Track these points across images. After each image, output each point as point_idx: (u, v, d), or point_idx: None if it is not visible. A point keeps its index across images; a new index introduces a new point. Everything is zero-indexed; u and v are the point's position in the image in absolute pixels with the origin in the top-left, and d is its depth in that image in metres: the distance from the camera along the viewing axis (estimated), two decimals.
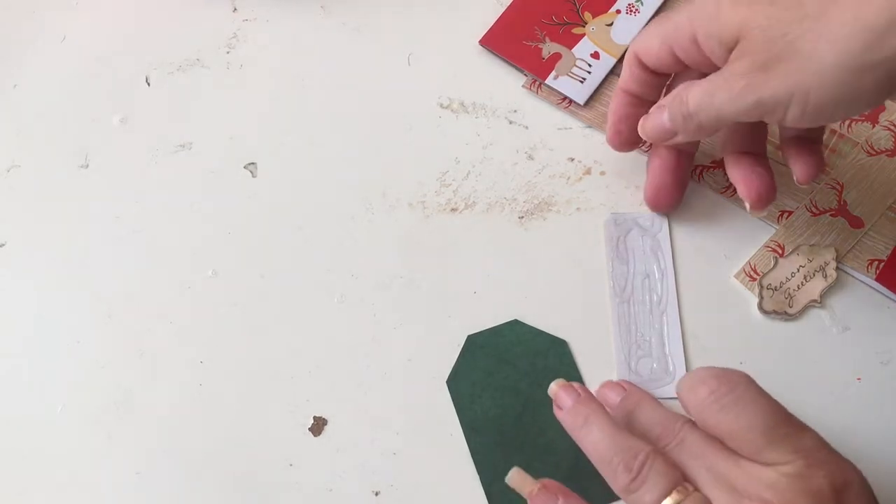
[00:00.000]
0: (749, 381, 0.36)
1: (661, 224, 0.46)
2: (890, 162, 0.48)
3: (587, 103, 0.50)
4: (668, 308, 0.45)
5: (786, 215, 0.47)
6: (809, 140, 0.42)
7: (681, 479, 0.34)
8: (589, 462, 0.37)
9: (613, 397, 0.40)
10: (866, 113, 0.49)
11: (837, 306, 0.46)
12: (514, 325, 0.45)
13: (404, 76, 0.52)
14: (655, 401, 0.39)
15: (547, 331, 0.45)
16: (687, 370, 0.44)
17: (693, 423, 0.36)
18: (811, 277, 0.46)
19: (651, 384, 0.44)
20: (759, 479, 0.33)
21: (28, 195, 0.50)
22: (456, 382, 0.45)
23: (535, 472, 0.42)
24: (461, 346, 0.45)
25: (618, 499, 0.41)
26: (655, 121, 0.41)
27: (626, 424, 0.38)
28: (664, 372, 0.44)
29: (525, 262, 0.47)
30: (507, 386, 0.44)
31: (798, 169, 0.42)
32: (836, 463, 0.33)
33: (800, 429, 0.34)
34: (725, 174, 0.48)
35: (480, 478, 0.43)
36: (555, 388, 0.40)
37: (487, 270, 0.47)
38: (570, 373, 0.44)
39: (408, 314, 0.46)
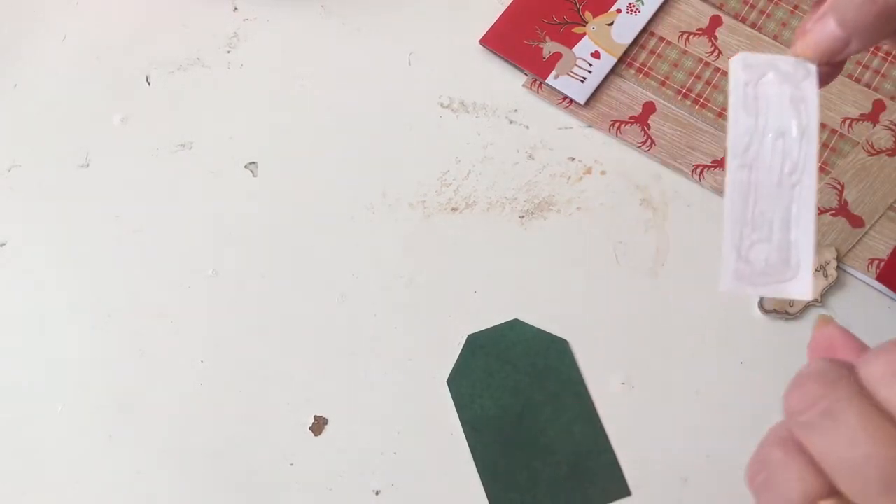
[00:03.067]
0: None
1: (807, 70, 0.34)
2: (890, 161, 0.48)
3: (588, 103, 0.50)
4: (803, 179, 0.34)
5: None
6: None
7: None
8: (589, 463, 0.37)
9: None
10: (867, 112, 0.49)
11: (837, 306, 0.46)
12: (515, 324, 0.45)
13: (404, 76, 0.52)
14: None
15: (547, 330, 0.45)
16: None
17: None
18: None
19: (762, 279, 0.34)
20: None
21: (28, 195, 0.50)
22: (456, 382, 0.45)
23: (535, 471, 0.42)
24: (461, 346, 0.45)
25: (618, 498, 0.42)
26: (821, 33, 0.32)
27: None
28: (784, 264, 0.34)
29: (525, 262, 0.47)
30: (507, 385, 0.44)
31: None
32: None
33: None
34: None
35: (481, 477, 0.43)
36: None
37: (487, 270, 0.47)
38: (571, 373, 0.44)
39: (408, 314, 0.46)
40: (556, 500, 0.42)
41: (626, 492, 0.42)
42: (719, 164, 0.48)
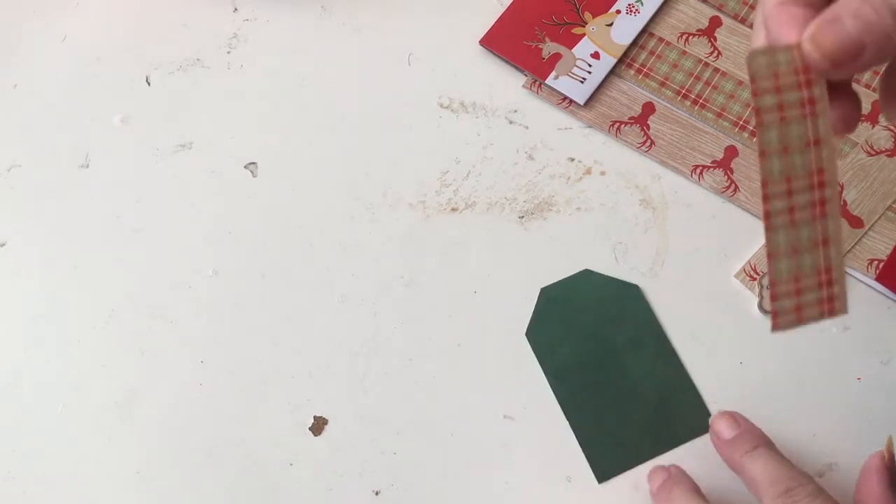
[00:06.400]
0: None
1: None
2: (890, 162, 0.48)
3: (587, 103, 0.50)
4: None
5: None
6: None
7: None
8: (674, 400, 0.43)
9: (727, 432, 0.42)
10: (866, 113, 0.49)
11: None
12: (585, 274, 0.46)
13: (404, 76, 0.52)
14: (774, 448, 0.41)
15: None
16: None
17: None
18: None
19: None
20: None
21: (28, 195, 0.50)
22: (535, 334, 0.45)
23: (622, 413, 0.44)
24: (460, 346, 0.46)
25: (698, 435, 0.44)
26: (832, 31, 0.28)
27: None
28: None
29: (525, 262, 0.47)
30: (585, 333, 0.45)
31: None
32: None
33: None
34: (726, 174, 0.48)
35: (570, 423, 0.44)
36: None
37: (487, 270, 0.47)
38: (647, 316, 0.45)
39: (408, 314, 0.46)
40: (645, 438, 0.43)
41: None
42: (718, 164, 0.49)
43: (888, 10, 0.27)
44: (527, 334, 0.45)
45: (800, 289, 0.29)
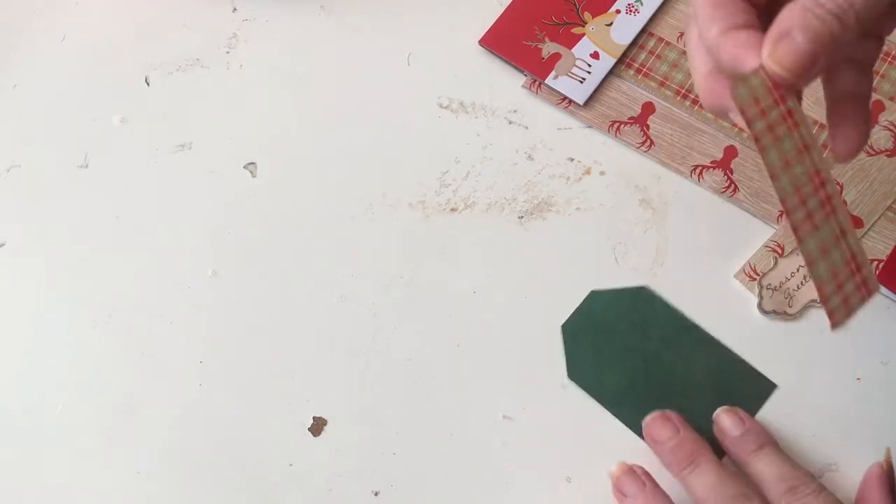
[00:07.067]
0: None
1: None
2: (889, 162, 0.48)
3: (587, 103, 0.50)
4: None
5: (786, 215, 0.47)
6: (859, 98, 0.34)
7: None
8: (727, 379, 0.43)
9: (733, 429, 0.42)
10: None
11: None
12: (593, 296, 0.46)
13: (404, 76, 0.52)
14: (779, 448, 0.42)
15: (546, 330, 0.45)
16: None
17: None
18: (811, 277, 0.46)
19: None
20: None
21: (28, 195, 0.50)
22: (576, 373, 0.45)
23: (688, 412, 0.43)
24: (459, 346, 0.46)
25: (764, 402, 0.44)
26: (787, 48, 0.29)
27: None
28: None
29: (525, 262, 0.47)
30: (620, 352, 0.45)
31: (842, 138, 0.33)
32: None
33: None
34: (725, 174, 0.48)
35: (648, 444, 0.44)
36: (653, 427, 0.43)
37: (487, 270, 0.47)
38: (666, 311, 0.46)
39: (408, 314, 0.46)
40: None
41: (772, 386, 0.44)
42: (718, 164, 0.49)
43: (831, 16, 0.29)
44: (570, 377, 0.45)
45: (840, 283, 0.31)
